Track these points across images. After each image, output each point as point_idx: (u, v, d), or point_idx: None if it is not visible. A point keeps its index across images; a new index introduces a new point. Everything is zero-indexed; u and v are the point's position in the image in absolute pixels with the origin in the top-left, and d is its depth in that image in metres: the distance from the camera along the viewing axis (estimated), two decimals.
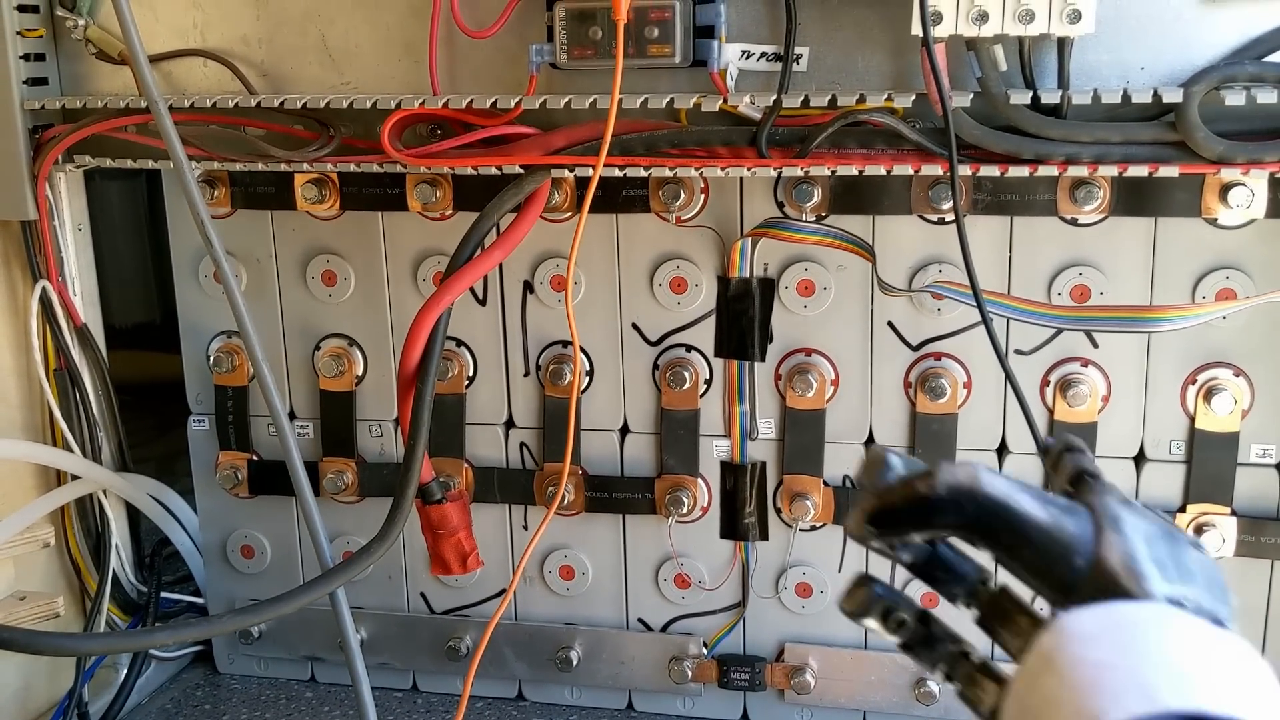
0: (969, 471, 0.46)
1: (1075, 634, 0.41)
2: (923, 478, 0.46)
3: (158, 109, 0.85)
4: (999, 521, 0.45)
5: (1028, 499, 0.46)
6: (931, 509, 0.46)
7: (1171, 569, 0.44)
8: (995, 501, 0.45)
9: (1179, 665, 0.39)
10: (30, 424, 1.07)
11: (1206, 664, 0.40)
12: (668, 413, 1.03)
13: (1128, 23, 0.83)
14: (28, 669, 1.07)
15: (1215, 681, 0.39)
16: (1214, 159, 0.80)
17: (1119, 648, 0.40)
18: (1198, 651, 0.40)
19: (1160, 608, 0.43)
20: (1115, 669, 0.39)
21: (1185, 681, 0.38)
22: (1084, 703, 0.38)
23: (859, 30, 0.86)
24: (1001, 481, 0.46)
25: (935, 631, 0.50)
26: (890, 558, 0.50)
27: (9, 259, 1.05)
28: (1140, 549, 0.44)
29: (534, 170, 0.92)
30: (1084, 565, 0.44)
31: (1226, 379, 0.93)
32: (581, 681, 1.11)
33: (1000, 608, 0.49)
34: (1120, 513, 0.46)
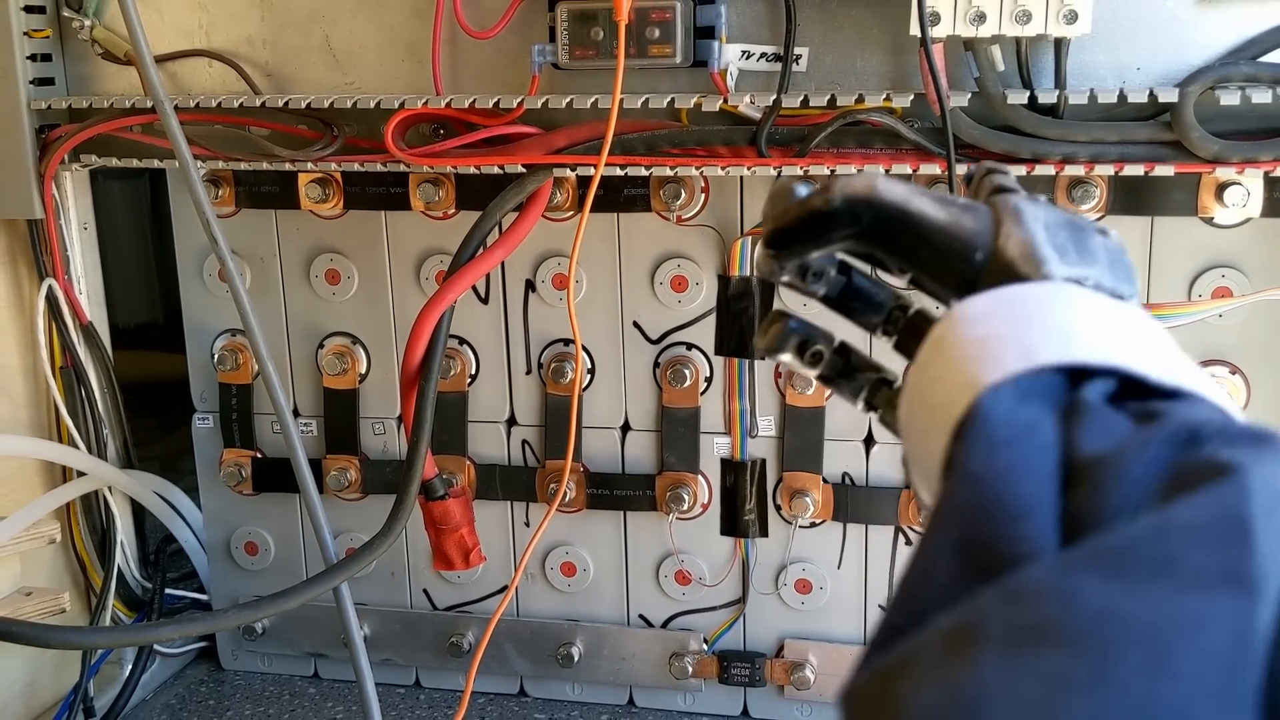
0: (865, 180, 0.45)
1: (965, 316, 0.41)
2: (819, 193, 0.45)
3: (163, 109, 0.86)
4: (896, 225, 0.44)
5: (926, 201, 0.45)
6: (828, 220, 0.45)
7: (1072, 252, 0.44)
8: (892, 205, 0.44)
9: (1062, 326, 0.38)
10: (36, 421, 1.08)
11: (1092, 324, 0.39)
12: (668, 410, 1.04)
13: (1124, 23, 0.83)
14: (34, 665, 1.08)
15: (1099, 336, 0.38)
16: (1209, 158, 0.81)
17: (1006, 319, 0.40)
18: (1086, 315, 0.40)
19: (1055, 285, 0.42)
20: (999, 338, 0.38)
21: (1067, 338, 0.38)
22: (966, 371, 0.38)
23: (858, 31, 0.87)
24: (899, 186, 0.45)
25: (854, 362, 0.50)
26: (804, 292, 0.48)
27: (15, 257, 1.06)
28: (1040, 235, 0.44)
29: (536, 169, 0.93)
30: (982, 258, 0.44)
31: (1223, 377, 0.94)
32: (583, 678, 1.12)
33: (915, 329, 0.48)
34: (1021, 205, 0.45)
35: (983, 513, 0.32)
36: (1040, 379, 0.36)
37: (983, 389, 0.36)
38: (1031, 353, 0.37)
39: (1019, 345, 0.37)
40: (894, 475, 1.01)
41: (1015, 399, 0.35)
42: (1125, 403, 0.36)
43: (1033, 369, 0.36)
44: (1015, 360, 0.37)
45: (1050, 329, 0.38)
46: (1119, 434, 0.33)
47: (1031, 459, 0.33)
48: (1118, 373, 0.37)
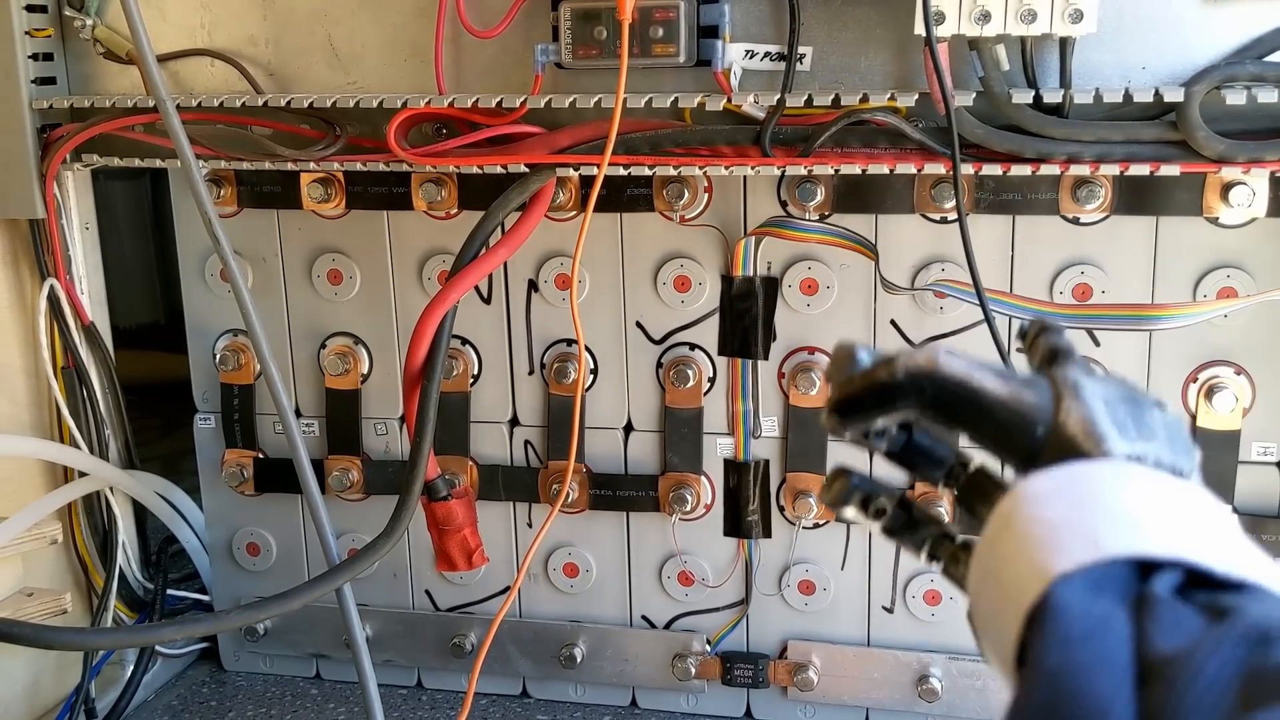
0: (928, 355, 0.46)
1: (1031, 495, 0.42)
2: (884, 364, 0.47)
3: (165, 108, 0.86)
4: (959, 400, 0.46)
5: (987, 375, 0.46)
6: (892, 393, 0.46)
7: (1131, 428, 0.44)
8: (954, 380, 0.46)
9: (1128, 513, 0.39)
10: (38, 422, 1.08)
11: (1157, 510, 0.40)
12: (671, 411, 1.04)
13: (1129, 23, 0.83)
14: (35, 665, 1.08)
15: (1164, 525, 0.39)
16: (1215, 158, 0.80)
17: (1072, 503, 0.41)
18: (1150, 499, 0.40)
19: (1117, 464, 0.43)
20: (1067, 523, 0.39)
21: (1133, 527, 0.38)
22: (1036, 557, 0.39)
23: (862, 30, 0.87)
24: (960, 361, 0.46)
25: (916, 515, 0.51)
26: (868, 448, 0.50)
27: (17, 257, 1.06)
28: (1099, 411, 0.45)
29: (539, 169, 0.92)
30: (1044, 433, 0.45)
31: (1228, 377, 0.93)
32: (585, 679, 1.11)
33: (976, 485, 0.50)
34: (1080, 380, 0.47)
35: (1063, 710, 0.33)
36: (1110, 570, 0.37)
37: (1054, 578, 0.37)
38: (1100, 543, 0.38)
39: (1087, 533, 0.38)
40: (898, 477, 1.01)
41: (1087, 590, 0.36)
42: (1193, 593, 0.37)
43: (1103, 560, 0.37)
44: (1084, 550, 0.38)
45: (1116, 516, 0.39)
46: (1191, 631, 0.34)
47: (1107, 654, 0.34)
48: (1184, 565, 0.37)
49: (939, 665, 1.03)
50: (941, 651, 1.03)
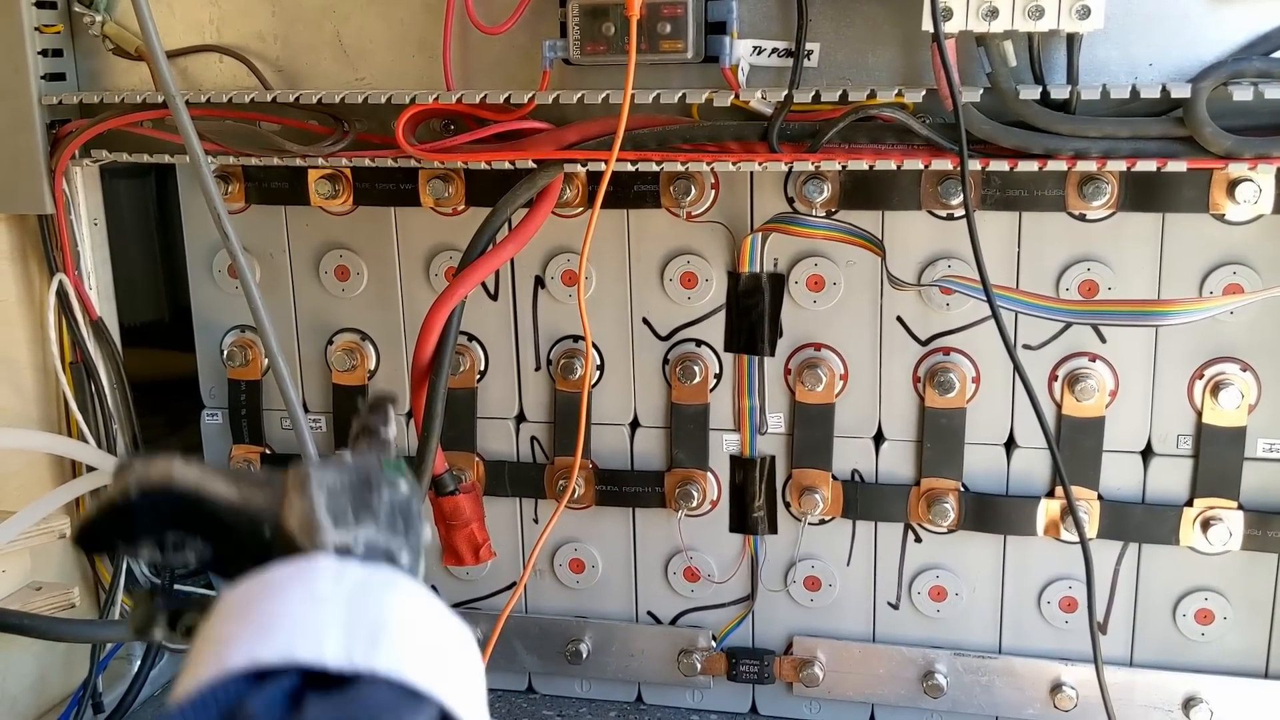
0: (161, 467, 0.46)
1: (218, 608, 0.42)
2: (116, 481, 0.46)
3: (175, 104, 0.86)
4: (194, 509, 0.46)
5: (220, 482, 0.47)
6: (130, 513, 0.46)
7: (350, 515, 0.46)
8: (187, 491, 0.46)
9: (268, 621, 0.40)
10: (46, 417, 1.08)
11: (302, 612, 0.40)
12: (678, 407, 1.04)
13: (1136, 19, 0.83)
14: (43, 660, 1.08)
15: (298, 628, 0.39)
16: (1222, 154, 0.81)
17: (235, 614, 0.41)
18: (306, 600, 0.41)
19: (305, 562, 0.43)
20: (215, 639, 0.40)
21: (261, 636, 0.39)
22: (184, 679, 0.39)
23: (870, 26, 0.87)
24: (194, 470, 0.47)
25: None
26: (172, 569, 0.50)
27: (26, 253, 1.06)
28: (320, 503, 0.46)
29: (546, 165, 0.93)
30: (270, 533, 0.46)
31: (1234, 374, 0.93)
32: (591, 674, 1.11)
33: None
34: (310, 472, 0.47)
35: None
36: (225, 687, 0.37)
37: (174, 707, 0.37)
38: (224, 658, 0.38)
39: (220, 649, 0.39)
40: (903, 473, 1.01)
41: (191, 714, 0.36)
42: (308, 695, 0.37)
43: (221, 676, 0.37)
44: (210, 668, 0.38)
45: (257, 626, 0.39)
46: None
47: None
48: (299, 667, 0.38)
49: (944, 661, 1.03)
50: (946, 648, 1.03)
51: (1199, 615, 0.98)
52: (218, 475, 0.47)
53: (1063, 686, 1.00)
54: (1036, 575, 1.01)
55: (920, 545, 1.02)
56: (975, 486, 1.00)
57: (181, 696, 0.38)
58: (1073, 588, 1.00)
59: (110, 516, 0.47)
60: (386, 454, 0.52)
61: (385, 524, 0.47)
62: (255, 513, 0.46)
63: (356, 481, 0.48)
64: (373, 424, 0.56)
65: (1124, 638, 1.00)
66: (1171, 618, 0.99)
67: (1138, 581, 0.99)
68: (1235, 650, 0.99)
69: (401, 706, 0.38)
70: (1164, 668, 1.00)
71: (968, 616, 1.03)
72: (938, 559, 1.02)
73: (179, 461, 0.47)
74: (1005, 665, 1.02)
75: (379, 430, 0.56)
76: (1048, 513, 0.98)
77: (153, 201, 1.63)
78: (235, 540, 0.47)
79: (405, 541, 0.47)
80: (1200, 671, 0.99)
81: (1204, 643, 0.99)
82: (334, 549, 0.45)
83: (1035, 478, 0.99)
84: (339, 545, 0.45)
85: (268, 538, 0.46)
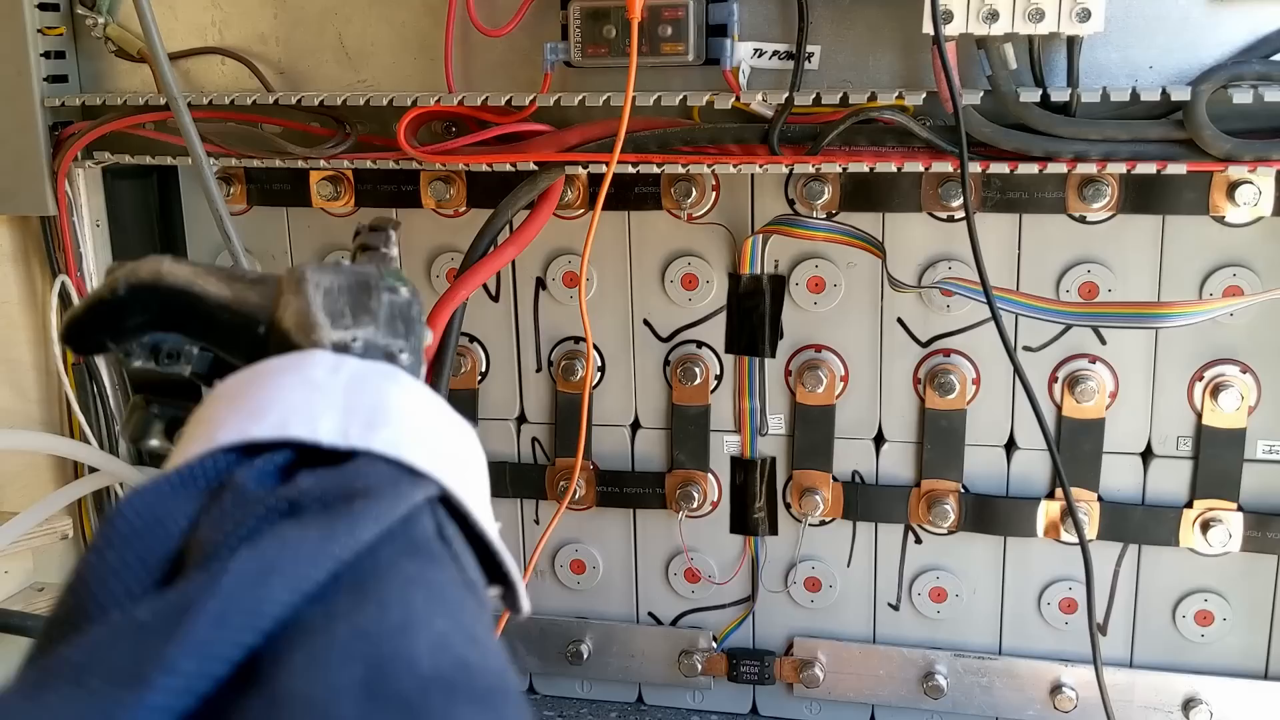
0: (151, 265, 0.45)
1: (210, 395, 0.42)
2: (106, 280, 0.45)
3: (177, 106, 0.86)
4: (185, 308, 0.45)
5: (211, 280, 0.45)
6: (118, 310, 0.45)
7: (348, 315, 0.45)
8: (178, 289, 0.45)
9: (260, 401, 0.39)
10: (48, 418, 1.09)
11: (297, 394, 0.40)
12: (678, 408, 1.04)
13: (1137, 22, 0.83)
14: None
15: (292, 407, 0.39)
16: (1222, 156, 0.81)
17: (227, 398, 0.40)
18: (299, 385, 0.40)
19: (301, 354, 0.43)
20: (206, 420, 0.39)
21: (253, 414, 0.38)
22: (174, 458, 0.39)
23: (870, 29, 0.87)
24: (185, 268, 0.45)
25: None
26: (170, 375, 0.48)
27: (28, 254, 1.07)
28: (316, 302, 0.45)
29: (548, 167, 0.93)
30: (264, 331, 0.45)
31: (1233, 375, 0.94)
32: (592, 675, 1.12)
33: None
34: (306, 273, 0.46)
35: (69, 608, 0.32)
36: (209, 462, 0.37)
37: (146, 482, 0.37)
38: (214, 435, 0.38)
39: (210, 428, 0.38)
40: (904, 474, 1.01)
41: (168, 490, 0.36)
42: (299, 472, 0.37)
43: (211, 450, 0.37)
44: (199, 445, 0.38)
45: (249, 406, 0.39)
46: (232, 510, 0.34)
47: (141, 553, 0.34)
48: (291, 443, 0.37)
49: (944, 662, 1.03)
50: (947, 649, 1.03)
51: (1199, 616, 0.99)
52: (210, 274, 0.46)
53: (1062, 687, 1.00)
54: (1036, 576, 1.01)
55: (920, 546, 1.03)
56: (975, 488, 1.00)
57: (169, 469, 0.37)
58: (1073, 589, 1.00)
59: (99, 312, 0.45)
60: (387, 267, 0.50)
61: (385, 325, 0.45)
62: (249, 311, 0.45)
63: (355, 284, 0.46)
64: (373, 241, 0.53)
65: (1124, 639, 1.01)
66: (1171, 619, 0.99)
67: (1137, 583, 0.99)
68: (1235, 651, 0.99)
69: (400, 481, 0.37)
70: (1164, 669, 1.00)
71: (968, 617, 1.03)
72: (938, 560, 1.03)
73: (169, 259, 0.45)
74: (1005, 666, 1.02)
75: (379, 248, 0.53)
76: (1048, 514, 0.98)
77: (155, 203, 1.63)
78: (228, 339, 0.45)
79: (406, 343, 0.46)
80: (1200, 673, 0.99)
81: (1204, 644, 0.99)
82: (331, 346, 0.43)
83: (1035, 479, 0.99)
84: (336, 342, 0.43)
85: (262, 335, 0.45)
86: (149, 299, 0.45)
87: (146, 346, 0.47)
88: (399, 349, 0.45)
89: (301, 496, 0.35)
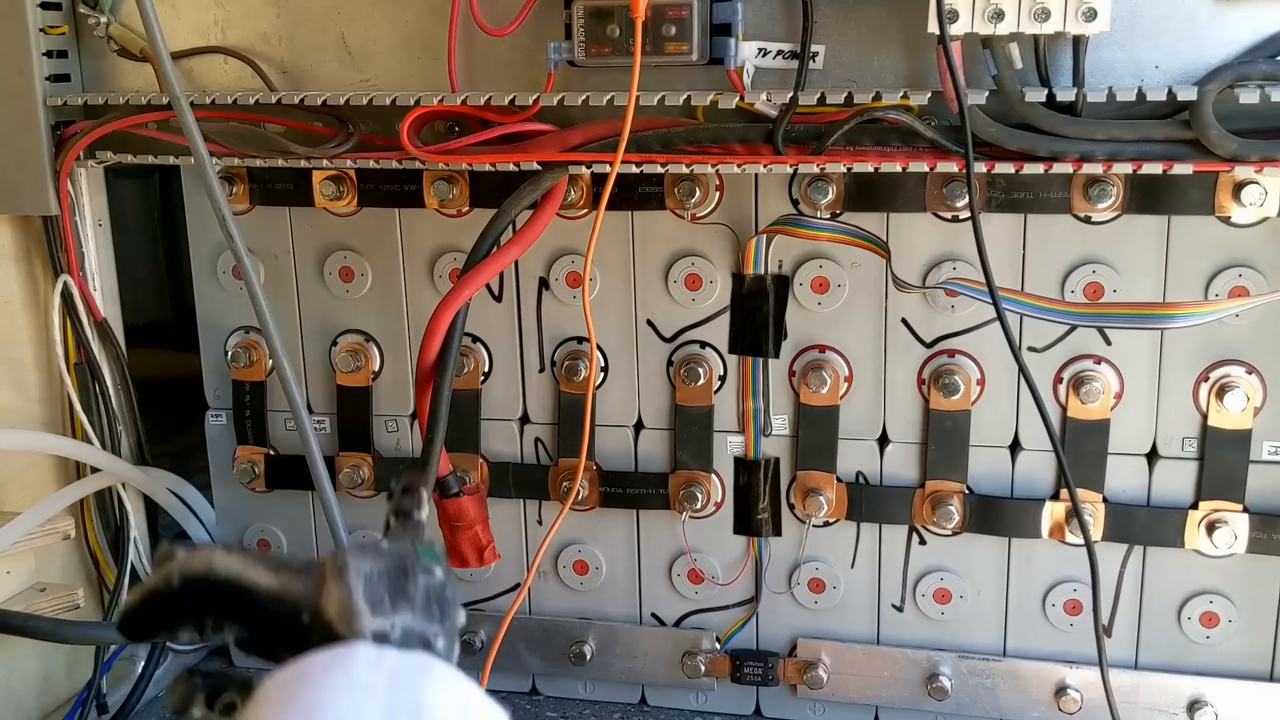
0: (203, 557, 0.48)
1: (259, 697, 0.44)
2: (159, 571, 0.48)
3: (180, 105, 0.86)
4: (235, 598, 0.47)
5: (260, 570, 0.48)
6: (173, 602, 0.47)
7: (386, 602, 0.47)
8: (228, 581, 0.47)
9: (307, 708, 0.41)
10: (51, 418, 1.09)
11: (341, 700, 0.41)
12: (682, 409, 1.04)
13: (1142, 21, 0.83)
14: (48, 661, 1.08)
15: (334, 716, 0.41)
16: (1228, 156, 0.80)
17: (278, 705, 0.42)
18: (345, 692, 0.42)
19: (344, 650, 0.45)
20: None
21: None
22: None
23: (875, 28, 0.87)
24: (235, 560, 0.48)
25: None
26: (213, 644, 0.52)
27: (31, 254, 1.06)
28: (357, 590, 0.47)
29: (551, 167, 0.93)
30: (309, 619, 0.47)
31: (1239, 376, 0.93)
32: (595, 676, 1.11)
33: None
34: (349, 560, 0.49)
35: None
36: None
37: None
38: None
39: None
40: (908, 475, 1.01)
41: None
42: None
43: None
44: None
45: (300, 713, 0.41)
46: None
47: None
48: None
49: (948, 664, 1.03)
50: (951, 650, 1.03)
51: (1204, 618, 0.98)
52: (257, 563, 0.48)
53: (1067, 689, 1.00)
54: (1041, 577, 1.01)
55: (925, 547, 1.02)
56: (980, 489, 1.00)
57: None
58: (1077, 590, 1.00)
59: (153, 604, 0.48)
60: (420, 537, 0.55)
61: (421, 610, 0.48)
62: (294, 600, 0.48)
63: (393, 568, 0.49)
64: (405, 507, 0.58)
65: (1129, 640, 1.00)
66: (1176, 620, 0.99)
67: (1142, 584, 0.99)
68: (1240, 653, 0.99)
69: None
70: (1169, 670, 0.99)
71: (972, 619, 1.03)
72: (942, 561, 1.02)
73: (220, 551, 0.48)
74: (1010, 668, 1.02)
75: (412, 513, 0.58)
76: (1052, 515, 0.98)
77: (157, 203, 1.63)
78: (274, 626, 0.48)
79: (441, 627, 0.48)
80: (1205, 674, 0.99)
81: (1209, 645, 0.99)
82: (371, 636, 0.46)
83: (1040, 480, 0.99)
84: (376, 632, 0.46)
85: (306, 623, 0.47)
86: (201, 589, 0.47)
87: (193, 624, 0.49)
88: (434, 634, 0.48)
89: None
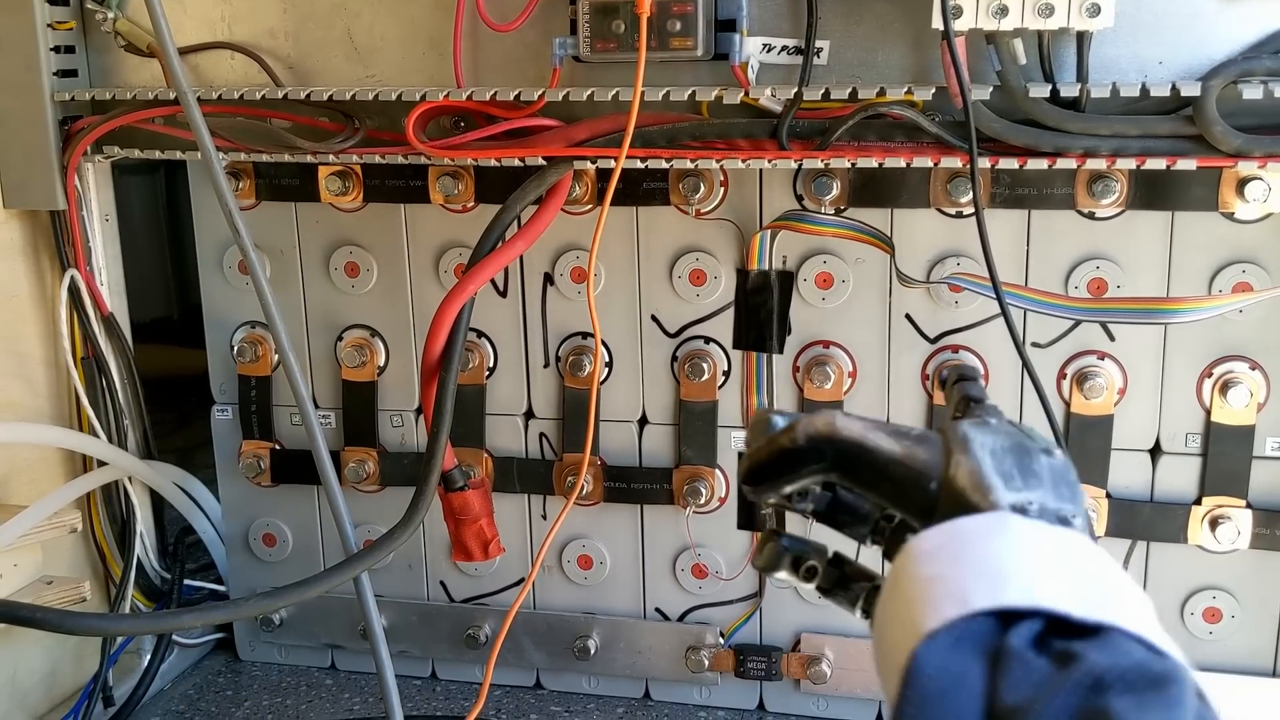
0: (826, 419, 0.49)
1: (916, 552, 0.44)
2: (786, 431, 0.49)
3: (186, 100, 0.87)
4: (858, 461, 0.48)
5: (882, 436, 0.49)
6: (796, 458, 0.49)
7: (1018, 478, 0.47)
8: (851, 443, 0.48)
9: (996, 566, 0.41)
10: (58, 412, 1.09)
11: (1024, 560, 0.41)
12: (686, 404, 1.04)
13: (1146, 17, 0.83)
14: (54, 654, 1.09)
15: (1028, 575, 0.40)
16: (1231, 152, 0.81)
17: (949, 559, 0.42)
18: (1019, 550, 0.42)
19: (997, 516, 0.45)
20: (942, 580, 0.41)
21: (998, 580, 0.40)
22: (910, 615, 0.41)
23: (879, 24, 0.87)
24: (857, 424, 0.49)
25: (847, 572, 0.53)
26: (794, 510, 0.52)
27: (38, 248, 1.07)
28: (987, 464, 0.47)
29: (556, 162, 0.93)
30: (936, 488, 0.47)
31: (1242, 372, 0.93)
32: (599, 670, 1.12)
33: (899, 539, 0.51)
34: (970, 433, 0.49)
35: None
36: (974, 624, 0.39)
37: (921, 638, 0.39)
38: (966, 598, 0.40)
39: (956, 589, 0.40)
40: None
41: (948, 648, 0.38)
42: (1052, 641, 0.38)
43: (966, 615, 0.39)
44: (952, 606, 0.40)
45: (986, 571, 0.41)
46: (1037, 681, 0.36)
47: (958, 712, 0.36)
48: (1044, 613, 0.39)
49: None
50: None
51: (1207, 614, 0.98)
52: (878, 429, 0.49)
53: None
54: None
55: None
56: None
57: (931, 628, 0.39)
58: None
59: (780, 458, 0.49)
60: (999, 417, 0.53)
61: (1050, 488, 0.47)
62: (920, 467, 0.48)
63: (1014, 445, 0.49)
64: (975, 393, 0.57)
65: None
66: (1180, 616, 0.99)
67: (1146, 580, 0.99)
68: (1243, 649, 0.99)
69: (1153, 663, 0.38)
70: None
71: None
72: None
73: (840, 415, 0.49)
74: None
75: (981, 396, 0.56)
76: None
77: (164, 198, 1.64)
78: (900, 493, 0.48)
79: (1075, 507, 0.47)
80: (1208, 670, 0.99)
81: (1212, 641, 0.99)
82: (1009, 508, 0.45)
83: None
84: (1015, 504, 0.45)
85: (933, 491, 0.47)
86: (825, 449, 0.48)
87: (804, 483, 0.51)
88: (1070, 514, 0.47)
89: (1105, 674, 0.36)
